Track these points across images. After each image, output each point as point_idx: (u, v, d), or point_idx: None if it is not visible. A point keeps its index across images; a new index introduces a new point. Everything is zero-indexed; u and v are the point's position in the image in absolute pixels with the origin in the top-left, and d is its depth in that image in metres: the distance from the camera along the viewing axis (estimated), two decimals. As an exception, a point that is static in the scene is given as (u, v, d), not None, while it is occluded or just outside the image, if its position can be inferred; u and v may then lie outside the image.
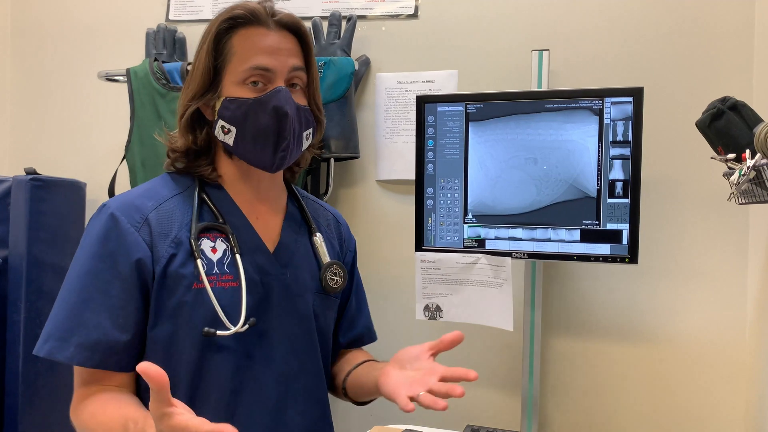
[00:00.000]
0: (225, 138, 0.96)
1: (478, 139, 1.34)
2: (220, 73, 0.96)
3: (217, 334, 0.90)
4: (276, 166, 0.97)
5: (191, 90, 0.97)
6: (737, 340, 1.40)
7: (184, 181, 1.00)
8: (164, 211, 0.95)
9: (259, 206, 1.02)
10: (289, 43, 0.97)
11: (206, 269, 0.92)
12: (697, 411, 1.42)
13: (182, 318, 0.91)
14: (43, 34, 1.91)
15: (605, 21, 1.48)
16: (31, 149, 1.92)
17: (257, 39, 0.95)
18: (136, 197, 0.96)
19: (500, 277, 1.32)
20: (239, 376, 0.94)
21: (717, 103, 1.06)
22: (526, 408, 1.43)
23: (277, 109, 0.93)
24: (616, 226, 1.26)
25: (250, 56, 0.94)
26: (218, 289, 0.92)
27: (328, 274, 1.03)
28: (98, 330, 0.88)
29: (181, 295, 0.91)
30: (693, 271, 1.42)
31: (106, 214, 0.93)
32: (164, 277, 0.91)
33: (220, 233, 0.97)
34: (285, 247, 1.02)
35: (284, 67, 0.95)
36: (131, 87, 1.62)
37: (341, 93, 1.50)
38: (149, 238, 0.92)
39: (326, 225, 1.13)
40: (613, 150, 1.26)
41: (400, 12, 1.62)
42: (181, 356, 0.91)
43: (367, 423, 1.61)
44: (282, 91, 0.93)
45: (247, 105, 0.93)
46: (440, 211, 1.37)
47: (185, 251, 0.93)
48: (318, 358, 1.03)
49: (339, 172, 1.63)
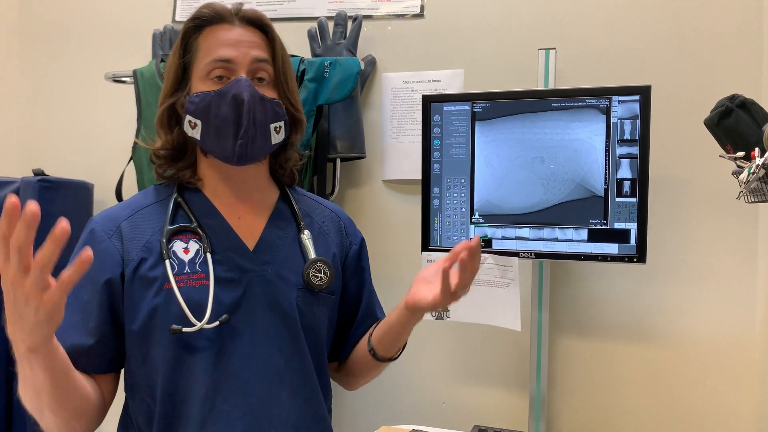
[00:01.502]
0: (193, 133, 0.98)
1: (485, 138, 1.33)
2: (188, 70, 1.00)
3: (183, 330, 0.91)
4: (237, 156, 0.97)
5: (163, 89, 1.01)
6: (746, 340, 1.39)
7: (166, 190, 1.04)
8: (138, 219, 0.99)
9: (241, 206, 1.03)
10: (252, 36, 1.00)
11: (177, 270, 0.95)
12: (706, 411, 1.42)
13: (155, 319, 0.93)
14: (50, 36, 1.92)
15: (612, 19, 1.47)
16: (39, 150, 1.93)
17: (220, 34, 0.98)
18: (116, 209, 1.02)
19: (507, 277, 1.32)
20: (217, 374, 0.94)
21: (725, 101, 1.05)
22: (534, 408, 1.42)
23: (235, 97, 0.94)
24: (623, 226, 1.25)
25: (213, 50, 0.97)
26: (189, 288, 0.94)
27: (311, 270, 1.02)
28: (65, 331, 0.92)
29: (152, 297, 0.93)
30: (701, 271, 1.42)
31: (89, 227, 0.99)
32: (134, 280, 0.94)
33: (193, 234, 0.99)
34: (267, 244, 1.02)
35: (245, 57, 0.97)
36: (138, 88, 1.62)
37: (347, 93, 1.49)
38: (120, 245, 0.96)
39: (321, 221, 1.12)
40: (620, 149, 1.25)
41: (405, 11, 1.62)
42: (156, 356, 0.94)
43: (375, 423, 1.61)
44: (241, 80, 0.95)
45: (209, 97, 0.96)
46: (447, 210, 1.37)
47: (156, 255, 0.96)
48: (305, 356, 1.01)
49: (345, 172, 1.63)
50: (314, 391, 1.02)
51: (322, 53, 1.57)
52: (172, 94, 1.01)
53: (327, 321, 1.08)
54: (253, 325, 0.97)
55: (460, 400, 1.58)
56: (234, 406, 0.94)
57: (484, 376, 1.56)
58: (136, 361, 0.96)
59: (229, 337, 0.96)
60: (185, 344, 0.94)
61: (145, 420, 0.95)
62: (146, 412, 0.95)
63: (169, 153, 1.03)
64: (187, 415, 0.93)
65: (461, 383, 1.58)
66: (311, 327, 1.03)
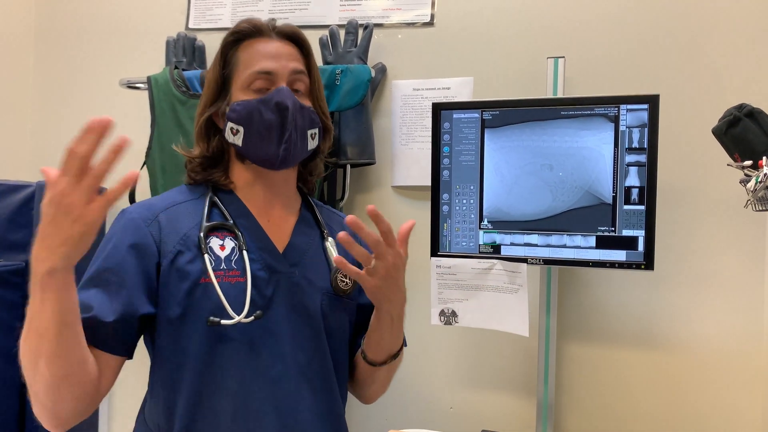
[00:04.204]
0: (234, 139, 1.02)
1: (494, 145, 1.35)
2: (228, 82, 1.05)
3: (221, 323, 0.93)
4: (281, 160, 1.01)
5: (203, 100, 1.06)
6: (754, 347, 1.39)
7: (198, 189, 1.08)
8: (175, 213, 1.02)
9: (271, 210, 1.07)
10: (289, 49, 1.05)
11: (213, 265, 0.97)
12: (713, 418, 1.42)
13: (190, 311, 0.95)
14: (65, 42, 1.95)
15: (620, 28, 1.48)
16: (53, 155, 1.95)
17: (260, 47, 1.03)
18: (152, 201, 1.05)
19: (516, 283, 1.33)
20: (247, 369, 0.97)
21: (733, 110, 1.06)
22: (541, 413, 1.43)
23: (278, 104, 0.99)
24: (631, 233, 1.26)
25: (254, 62, 1.02)
26: (225, 284, 0.96)
27: (339, 275, 1.07)
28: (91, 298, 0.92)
29: (188, 290, 0.96)
30: (709, 278, 1.42)
31: (123, 213, 1.02)
32: (170, 271, 0.96)
33: (229, 232, 1.02)
34: (295, 247, 1.06)
35: (285, 69, 1.02)
36: (152, 94, 1.65)
37: (358, 100, 1.51)
38: (158, 235, 0.98)
39: (339, 231, 1.14)
40: (628, 157, 1.26)
41: (416, 20, 1.63)
42: (188, 347, 0.95)
43: (383, 427, 1.62)
44: (284, 89, 1.00)
45: (252, 105, 1.00)
46: (456, 216, 1.38)
47: (193, 249, 0.98)
48: (327, 359, 1.05)
49: (355, 178, 1.65)
50: (333, 391, 1.05)
51: (333, 61, 1.59)
52: (212, 104, 1.05)
53: (348, 325, 1.11)
54: (280, 324, 1.00)
55: (468, 404, 1.59)
56: (264, 402, 0.97)
57: (492, 382, 1.57)
58: (163, 353, 0.97)
59: (258, 335, 0.98)
60: (219, 338, 0.96)
61: (165, 414, 0.96)
62: (170, 406, 0.96)
63: (205, 160, 1.07)
64: (217, 410, 0.95)
65: (469, 388, 1.59)
66: (333, 330, 1.06)
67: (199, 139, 1.07)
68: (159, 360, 0.99)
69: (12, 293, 1.54)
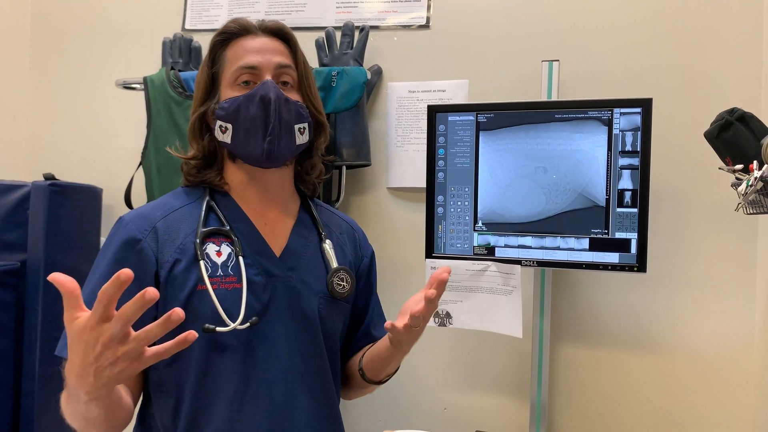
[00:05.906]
0: (223, 137, 1.02)
1: (489, 148, 1.36)
2: (217, 80, 1.05)
3: (217, 330, 0.94)
4: (266, 154, 1.00)
5: (195, 100, 1.07)
6: (745, 350, 1.41)
7: (195, 192, 1.07)
8: (172, 220, 1.01)
9: (267, 212, 1.07)
10: (275, 44, 1.06)
11: (210, 272, 0.97)
12: (705, 420, 1.43)
13: (189, 318, 0.94)
14: (61, 42, 1.95)
15: (615, 32, 1.49)
16: (49, 155, 1.96)
17: (246, 43, 1.04)
18: (148, 209, 1.04)
19: (510, 285, 1.34)
20: (245, 375, 0.97)
21: (725, 114, 1.07)
22: (535, 414, 1.44)
23: (262, 98, 0.99)
24: (624, 235, 1.27)
25: (239, 58, 1.03)
26: (221, 290, 0.97)
27: (335, 279, 1.06)
28: None
29: (185, 297, 0.96)
30: (701, 281, 1.43)
31: (121, 225, 1.00)
32: (168, 280, 0.96)
33: (225, 238, 1.01)
34: (292, 251, 1.05)
35: (270, 63, 1.02)
36: (148, 95, 1.65)
37: (354, 102, 1.52)
38: (155, 245, 0.98)
39: (338, 232, 1.15)
40: (622, 160, 1.27)
41: (412, 22, 1.64)
42: (186, 354, 0.95)
43: (377, 428, 1.63)
44: (267, 82, 1.00)
45: (238, 101, 1.00)
46: (450, 218, 1.39)
47: (190, 256, 0.98)
48: (324, 361, 1.05)
49: (350, 179, 1.65)
50: (330, 394, 1.06)
51: (329, 63, 1.60)
52: (202, 103, 1.05)
53: (342, 326, 1.11)
54: (277, 328, 1.00)
55: (462, 406, 1.60)
56: (260, 407, 0.97)
57: (486, 383, 1.58)
58: (164, 360, 0.96)
59: (255, 340, 0.98)
60: (216, 344, 0.96)
61: (170, 418, 0.97)
62: (172, 411, 0.97)
63: (200, 161, 1.06)
64: (215, 414, 0.96)
65: (463, 389, 1.60)
66: (330, 333, 1.07)
67: (192, 140, 1.07)
68: (158, 366, 0.98)
69: (7, 293, 1.54)
